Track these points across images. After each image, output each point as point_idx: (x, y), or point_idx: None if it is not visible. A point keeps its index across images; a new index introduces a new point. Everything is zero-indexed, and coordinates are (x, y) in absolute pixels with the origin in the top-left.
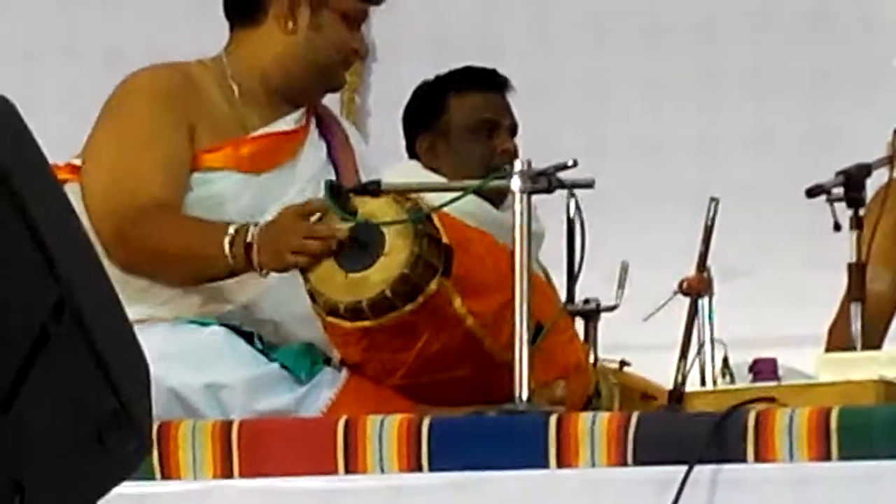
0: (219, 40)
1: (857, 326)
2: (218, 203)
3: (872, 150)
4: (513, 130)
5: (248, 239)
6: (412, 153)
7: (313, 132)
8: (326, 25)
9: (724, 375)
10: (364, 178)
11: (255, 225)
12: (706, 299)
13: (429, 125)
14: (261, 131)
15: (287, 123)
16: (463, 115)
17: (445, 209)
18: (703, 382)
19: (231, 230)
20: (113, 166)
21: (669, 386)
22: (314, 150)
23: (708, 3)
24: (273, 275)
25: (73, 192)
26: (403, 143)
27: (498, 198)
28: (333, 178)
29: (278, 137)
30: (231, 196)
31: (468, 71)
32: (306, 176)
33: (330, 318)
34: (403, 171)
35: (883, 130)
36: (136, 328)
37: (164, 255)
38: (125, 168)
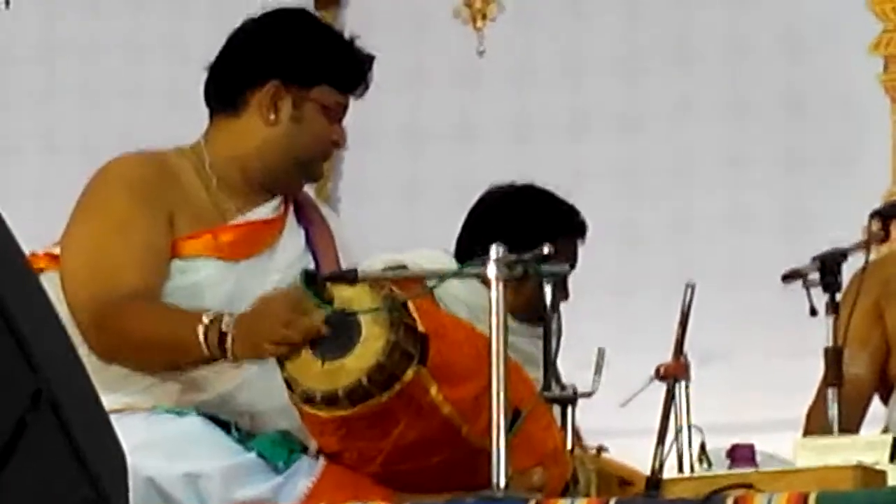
0: (198, 130)
1: (834, 411)
2: (197, 291)
3: (849, 233)
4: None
5: (223, 328)
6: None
7: (292, 219)
8: (308, 118)
9: (701, 461)
10: (345, 263)
11: (231, 315)
12: (683, 385)
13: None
14: (240, 219)
15: (266, 211)
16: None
17: (442, 295)
18: (680, 468)
19: (206, 319)
20: (91, 256)
21: (647, 472)
22: (293, 238)
23: (684, 86)
24: (249, 364)
25: (50, 280)
26: (375, 226)
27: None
28: (312, 265)
29: (257, 226)
30: (210, 284)
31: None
32: (285, 263)
33: (306, 407)
34: (425, 256)
35: (859, 214)
36: (113, 417)
37: (141, 344)
38: (103, 257)
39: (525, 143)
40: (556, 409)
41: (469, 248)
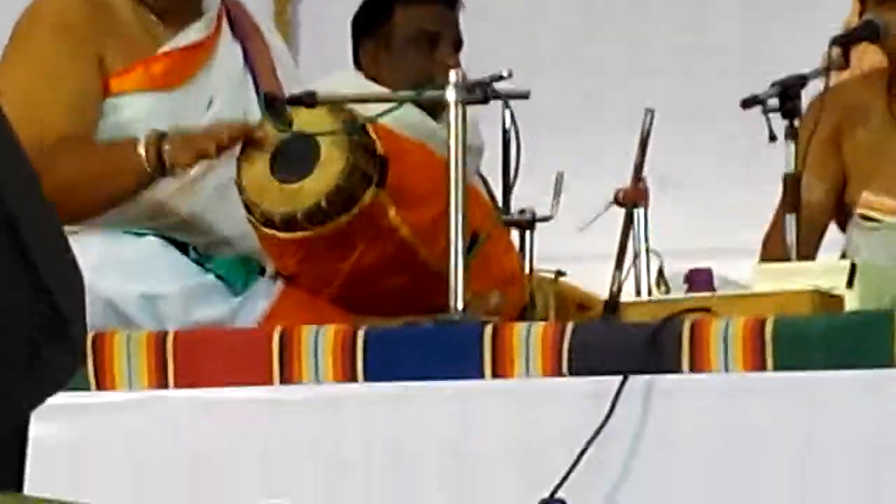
0: None
1: (792, 237)
2: (133, 126)
3: (810, 61)
4: (457, 45)
5: (161, 141)
6: (357, 61)
7: (226, 37)
8: None
9: (659, 286)
10: (285, 84)
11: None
12: (642, 210)
13: (373, 33)
14: (168, 45)
15: (197, 33)
16: (407, 25)
17: (383, 120)
18: (638, 293)
19: (144, 140)
20: (18, 106)
21: (605, 296)
22: (229, 57)
23: None
24: (207, 188)
25: None
26: (334, 55)
27: (438, 111)
28: (251, 84)
29: (188, 50)
30: (144, 117)
31: None
32: (222, 86)
33: (265, 229)
34: (341, 80)
35: (820, 41)
36: (71, 238)
37: (77, 185)
38: (31, 107)
39: None
40: (515, 233)
41: (355, 50)
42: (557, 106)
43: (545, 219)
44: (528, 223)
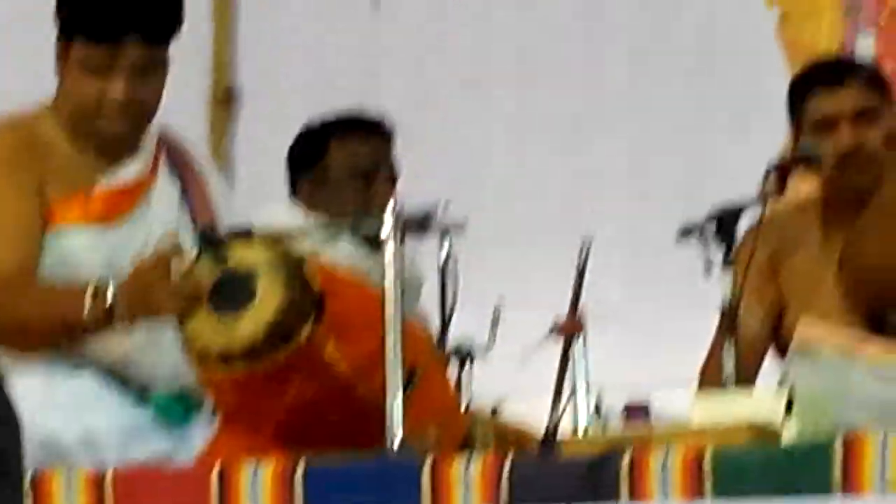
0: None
1: (730, 366)
2: (73, 260)
3: (748, 188)
4: (393, 179)
5: (109, 300)
6: (294, 196)
7: (164, 174)
8: (71, 75)
9: (597, 418)
10: (222, 219)
11: (111, 282)
12: (579, 341)
13: (309, 168)
14: (108, 181)
15: (134, 169)
16: (342, 160)
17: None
18: (575, 426)
19: (90, 292)
20: None
21: (543, 429)
22: (166, 194)
23: (587, 39)
24: (145, 326)
25: None
26: (272, 186)
27: (377, 244)
28: (188, 220)
29: (126, 188)
30: (86, 251)
31: (354, 116)
32: (159, 222)
33: (203, 365)
34: (277, 213)
35: (757, 169)
36: (10, 376)
37: (23, 328)
38: None
39: (422, 92)
40: (453, 367)
41: (291, 184)
42: (494, 237)
43: (483, 352)
44: (465, 356)
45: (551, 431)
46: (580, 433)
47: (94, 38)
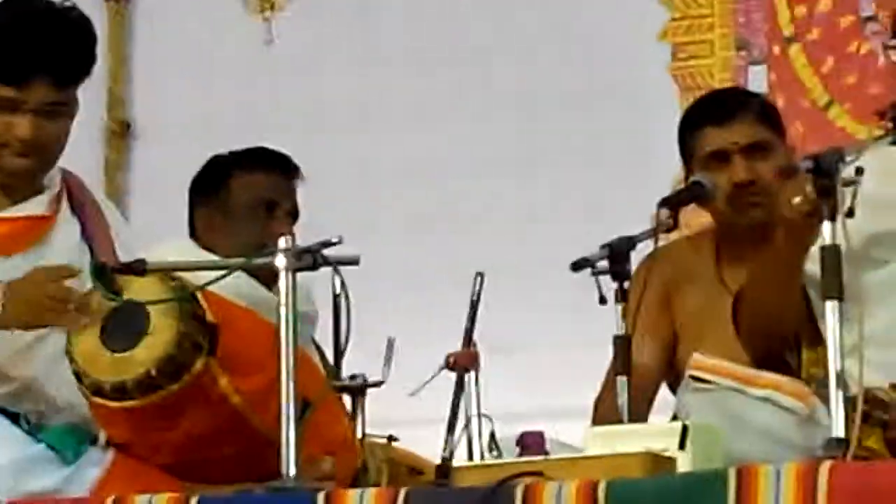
0: None
1: (623, 398)
2: None
3: (642, 222)
4: (294, 214)
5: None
6: (192, 226)
7: (65, 212)
8: None
9: (491, 450)
10: (122, 255)
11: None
12: (473, 374)
13: (210, 200)
14: (9, 212)
15: (36, 206)
16: (244, 192)
17: (214, 288)
18: (470, 457)
19: None
20: None
21: (437, 461)
22: (67, 231)
23: (472, 79)
24: (39, 356)
25: None
26: (167, 219)
27: (270, 278)
28: (88, 257)
29: (27, 221)
30: None
31: (259, 150)
32: (59, 258)
33: (95, 398)
34: (173, 248)
35: (651, 202)
36: None
37: None
38: None
39: (316, 129)
40: (347, 398)
41: (191, 217)
42: (388, 271)
43: (377, 384)
44: (359, 388)
45: (446, 462)
46: (475, 463)
47: (2, 79)
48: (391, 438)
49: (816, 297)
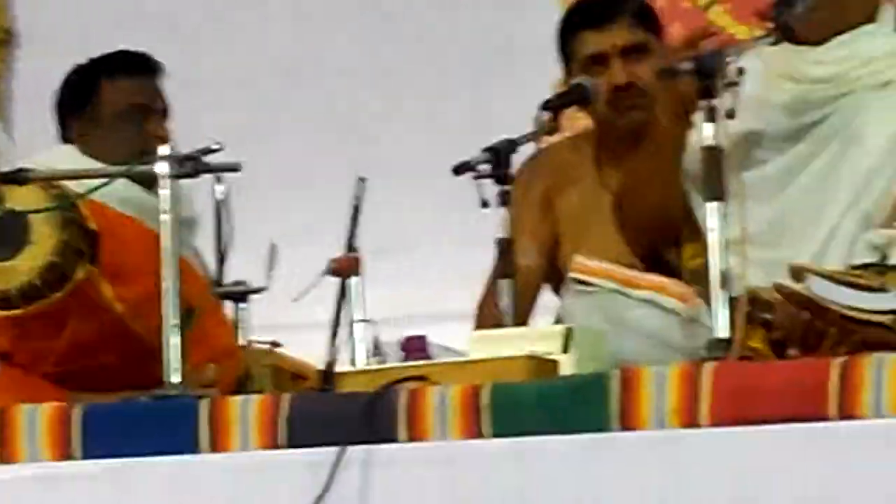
0: None
1: (506, 302)
2: None
3: (521, 127)
4: (165, 114)
5: None
6: (66, 138)
7: None
8: None
9: (374, 355)
10: (4, 166)
11: None
12: (356, 279)
13: (81, 110)
14: None
15: None
16: (115, 99)
17: (96, 195)
18: (353, 362)
19: None
20: None
21: (321, 366)
22: None
23: None
24: None
25: None
26: (50, 127)
27: (150, 183)
28: None
29: None
30: None
31: (120, 55)
32: None
33: None
34: (56, 156)
35: (530, 107)
36: None
37: None
38: None
39: (187, 34)
40: (229, 305)
41: (63, 127)
42: (270, 176)
43: (259, 290)
44: (242, 295)
45: (329, 368)
46: (358, 368)
47: None
48: (274, 344)
49: (695, 191)
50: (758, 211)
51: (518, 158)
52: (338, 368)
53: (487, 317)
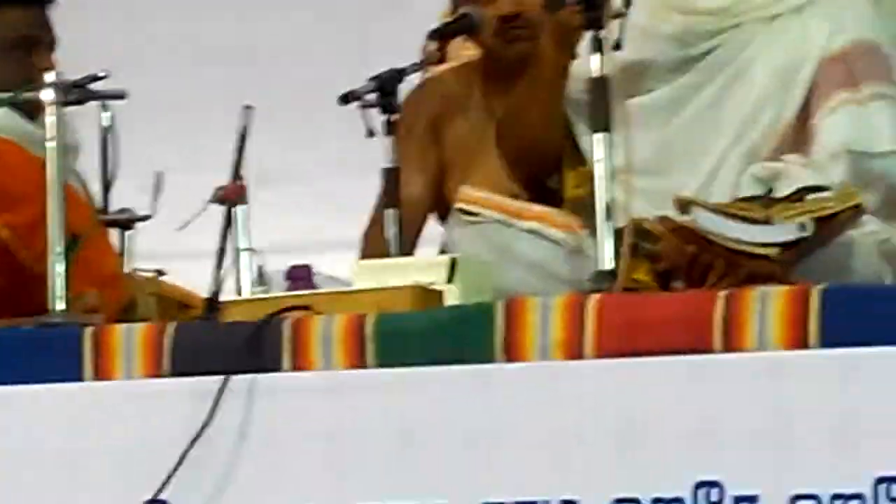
0: None
1: (392, 231)
2: None
3: (408, 56)
4: (52, 46)
5: None
6: None
7: None
8: None
9: (259, 284)
10: None
11: None
12: (242, 207)
13: None
14: None
15: None
16: (2, 30)
17: None
18: (239, 291)
19: None
20: None
21: (206, 295)
22: None
23: None
24: None
25: None
26: None
27: (35, 112)
28: None
29: None
30: None
31: None
32: None
33: None
34: None
35: (417, 37)
36: None
37: None
38: None
39: None
40: (114, 233)
41: None
42: (156, 104)
43: (144, 218)
44: (127, 222)
45: (214, 297)
46: (243, 297)
47: None
48: (159, 273)
49: (578, 120)
50: (645, 138)
51: (405, 88)
52: (223, 297)
53: (373, 246)
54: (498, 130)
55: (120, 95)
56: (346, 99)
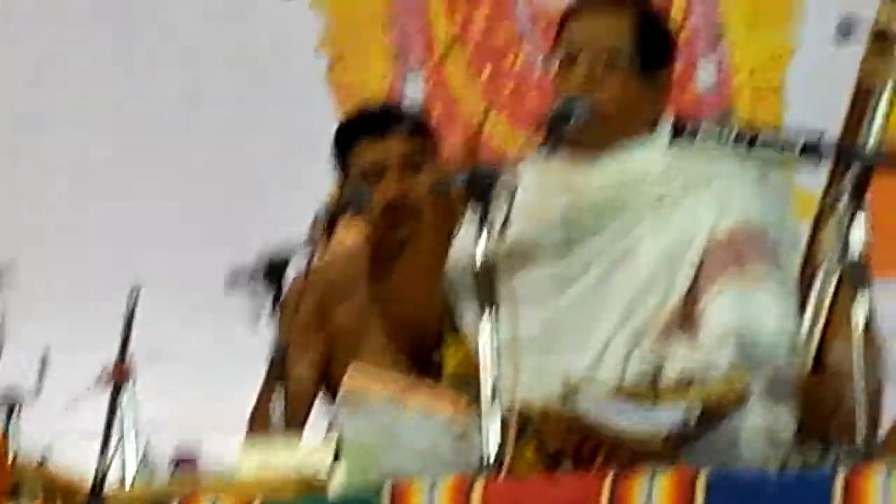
0: None
1: (278, 413)
2: None
3: (295, 232)
4: None
5: None
6: None
7: None
8: None
9: (145, 468)
10: None
11: None
12: (128, 388)
13: None
14: None
15: None
16: None
17: None
18: (124, 475)
19: None
20: None
21: (91, 479)
22: None
23: (139, 90)
24: None
25: None
26: None
27: None
28: None
29: None
30: None
31: None
32: None
33: None
34: None
35: (305, 213)
36: None
37: None
38: None
39: None
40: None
41: None
42: (44, 281)
43: (30, 399)
44: (12, 405)
45: (98, 483)
46: (128, 483)
47: None
48: (44, 457)
49: (456, 295)
50: (532, 313)
51: (291, 269)
52: (109, 481)
53: (260, 426)
54: (381, 307)
55: (6, 270)
56: (233, 279)
